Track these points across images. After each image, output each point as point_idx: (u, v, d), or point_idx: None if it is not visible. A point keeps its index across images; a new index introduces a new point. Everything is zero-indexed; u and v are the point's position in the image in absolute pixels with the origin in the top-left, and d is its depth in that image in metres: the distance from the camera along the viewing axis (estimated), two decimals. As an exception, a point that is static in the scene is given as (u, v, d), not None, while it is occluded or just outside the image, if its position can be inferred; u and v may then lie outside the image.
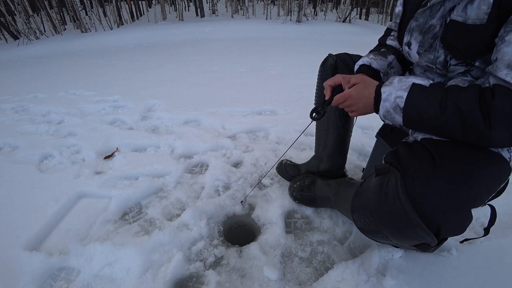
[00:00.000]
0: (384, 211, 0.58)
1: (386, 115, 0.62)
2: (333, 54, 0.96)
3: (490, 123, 0.48)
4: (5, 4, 6.24)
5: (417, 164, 0.56)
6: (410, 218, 0.54)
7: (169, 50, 4.97)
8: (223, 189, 1.18)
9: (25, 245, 0.95)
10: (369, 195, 0.63)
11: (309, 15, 7.30)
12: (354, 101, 0.68)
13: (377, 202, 0.60)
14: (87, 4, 7.05)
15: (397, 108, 0.59)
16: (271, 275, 0.81)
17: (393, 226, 0.58)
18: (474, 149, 0.55)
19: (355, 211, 0.68)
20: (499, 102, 0.48)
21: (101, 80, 3.14)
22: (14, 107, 2.40)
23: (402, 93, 0.59)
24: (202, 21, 7.22)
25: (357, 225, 0.69)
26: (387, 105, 0.61)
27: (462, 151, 0.55)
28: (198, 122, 1.87)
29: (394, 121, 0.62)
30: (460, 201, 0.52)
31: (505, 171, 0.56)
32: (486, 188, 0.54)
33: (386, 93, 0.61)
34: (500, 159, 0.55)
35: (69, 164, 1.44)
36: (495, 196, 0.65)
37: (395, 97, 0.59)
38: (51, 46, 5.95)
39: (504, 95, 0.48)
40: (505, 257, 0.82)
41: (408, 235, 0.57)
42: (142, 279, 0.81)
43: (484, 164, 0.54)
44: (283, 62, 3.45)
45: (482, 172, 0.53)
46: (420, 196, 0.54)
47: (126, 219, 1.08)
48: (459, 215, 0.53)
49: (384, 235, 0.62)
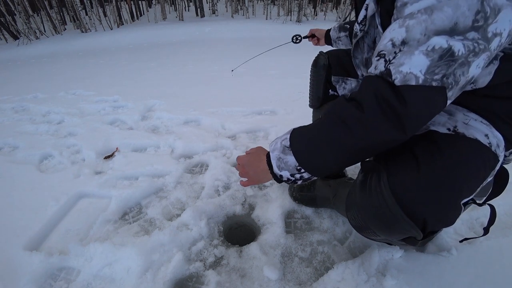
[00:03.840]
0: (369, 206, 0.59)
1: (280, 164, 0.62)
2: (324, 52, 0.95)
3: (363, 108, 0.50)
4: (5, 4, 6.23)
5: (399, 159, 0.57)
6: (393, 212, 0.54)
7: (169, 50, 4.97)
8: (223, 189, 1.18)
9: (25, 245, 0.95)
10: (356, 191, 0.63)
11: (309, 15, 7.29)
12: (246, 170, 0.72)
13: (362, 198, 0.61)
14: (87, 4, 7.05)
15: (285, 149, 0.61)
16: (271, 275, 0.81)
17: (378, 221, 0.58)
18: (455, 141, 0.55)
19: (348, 209, 0.68)
20: (359, 90, 0.53)
21: (101, 80, 3.14)
22: (14, 107, 2.40)
23: (285, 136, 0.62)
24: (202, 21, 7.22)
25: (351, 223, 0.69)
26: (276, 154, 0.63)
27: (444, 144, 0.55)
28: (198, 122, 1.87)
29: (288, 165, 0.61)
30: (444, 192, 0.52)
31: (488, 157, 0.55)
32: (470, 177, 0.54)
33: (273, 146, 0.65)
34: (480, 146, 0.54)
35: (69, 164, 1.44)
36: (495, 195, 0.65)
37: (281, 142, 0.62)
38: (51, 46, 5.95)
39: (363, 82, 0.53)
40: (505, 257, 0.82)
41: (394, 229, 0.57)
42: (142, 279, 0.81)
43: (465, 153, 0.53)
44: (283, 62, 3.45)
45: (463, 161, 0.53)
46: (402, 189, 0.53)
47: (126, 219, 1.08)
48: (444, 207, 0.53)
49: (372, 230, 0.62)
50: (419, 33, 0.45)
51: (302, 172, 0.60)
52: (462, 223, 0.95)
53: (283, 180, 0.65)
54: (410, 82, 0.45)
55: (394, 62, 0.48)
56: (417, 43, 0.45)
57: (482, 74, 0.53)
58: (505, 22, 0.43)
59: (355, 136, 0.52)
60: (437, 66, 0.44)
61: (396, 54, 0.48)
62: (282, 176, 0.63)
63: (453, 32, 0.43)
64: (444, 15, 0.43)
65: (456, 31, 0.43)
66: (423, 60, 0.45)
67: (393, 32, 0.49)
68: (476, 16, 0.42)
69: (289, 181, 0.64)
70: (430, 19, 0.44)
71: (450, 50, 0.43)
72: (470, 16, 0.42)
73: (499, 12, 0.42)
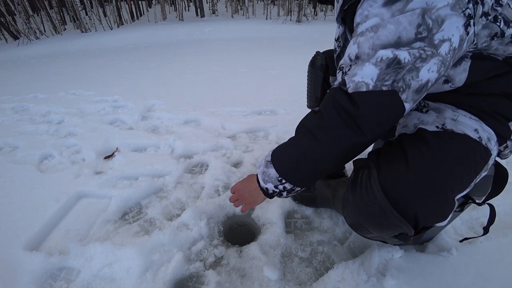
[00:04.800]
0: (360, 202, 0.60)
1: (264, 177, 0.69)
2: (321, 52, 0.95)
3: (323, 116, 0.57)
4: (5, 4, 6.23)
5: (389, 155, 0.59)
6: (383, 208, 0.54)
7: (169, 50, 4.96)
8: (223, 189, 1.18)
9: (25, 245, 0.95)
10: (348, 188, 0.65)
11: (309, 15, 7.29)
12: (241, 192, 0.80)
13: (353, 195, 0.62)
14: (87, 4, 7.04)
15: (267, 163, 0.68)
16: (271, 275, 0.81)
17: (370, 217, 0.59)
18: (443, 136, 0.56)
19: (343, 207, 0.69)
20: (322, 102, 0.59)
21: (101, 80, 3.14)
22: (14, 107, 2.40)
23: (269, 153, 0.70)
24: (202, 21, 7.22)
25: (347, 221, 0.70)
26: (261, 169, 0.70)
27: (432, 140, 0.56)
28: (198, 122, 1.87)
29: (271, 177, 0.67)
30: (433, 187, 0.53)
31: (478, 151, 0.56)
32: (461, 172, 0.54)
33: (259, 163, 0.73)
34: (470, 140, 0.55)
35: (69, 164, 1.44)
36: (494, 195, 0.65)
37: (265, 159, 0.70)
38: (51, 46, 5.94)
39: (326, 94, 0.59)
40: (505, 257, 0.82)
41: (385, 225, 0.58)
42: (142, 279, 0.81)
43: (454, 148, 0.54)
44: (283, 62, 3.45)
45: (452, 156, 0.54)
46: (392, 185, 0.54)
47: (126, 219, 1.08)
48: (434, 201, 0.53)
49: (365, 227, 0.63)
50: (368, 47, 0.51)
51: (283, 183, 0.67)
52: (462, 223, 0.95)
53: (269, 193, 0.71)
54: (362, 88, 0.52)
55: (349, 73, 0.54)
56: (367, 56, 0.51)
57: (457, 72, 0.57)
58: (452, 29, 0.47)
59: (321, 142, 0.57)
60: (386, 73, 0.50)
61: (351, 66, 0.54)
62: (268, 188, 0.70)
63: (398, 44, 0.48)
64: (388, 31, 0.48)
65: (401, 43, 0.48)
66: (372, 69, 0.51)
67: (349, 48, 0.55)
68: (418, 29, 0.47)
69: (275, 193, 0.70)
70: (376, 36, 0.50)
71: (396, 59, 0.49)
72: (411, 29, 0.47)
73: (443, 22, 0.46)
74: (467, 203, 0.69)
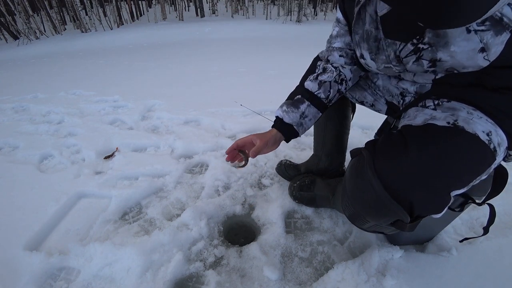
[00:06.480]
0: (356, 189, 0.59)
1: None
2: None
3: None
4: (5, 4, 6.24)
5: (388, 144, 0.57)
6: (378, 193, 0.54)
7: (169, 50, 4.97)
8: (223, 189, 1.18)
9: (25, 245, 0.95)
10: (345, 177, 0.65)
11: (309, 15, 7.29)
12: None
13: (349, 182, 0.62)
14: (87, 4, 7.04)
15: None
16: (271, 275, 0.81)
17: (365, 204, 0.59)
18: (452, 132, 0.54)
19: (342, 199, 0.68)
20: None
21: (101, 80, 3.14)
22: (14, 107, 2.40)
23: None
24: (202, 21, 7.22)
25: (345, 213, 0.69)
26: None
27: (439, 134, 0.54)
28: (198, 122, 1.87)
29: None
30: (431, 179, 0.52)
31: (484, 154, 0.53)
32: (462, 169, 0.52)
33: None
34: (478, 141, 0.52)
35: (69, 164, 1.44)
36: (494, 195, 0.65)
37: None
38: (51, 46, 5.95)
39: None
40: (505, 257, 0.82)
41: (381, 212, 0.57)
42: (142, 279, 0.81)
43: (460, 145, 0.52)
44: (283, 62, 3.45)
45: (456, 153, 0.52)
46: (387, 171, 0.54)
47: (126, 219, 1.08)
48: (430, 192, 0.52)
49: (362, 216, 0.63)
50: None
51: None
52: (462, 223, 0.96)
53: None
54: None
55: None
56: None
57: (495, 42, 0.52)
58: None
59: None
60: None
61: None
62: None
63: None
64: None
65: None
66: None
67: None
68: None
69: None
70: None
71: None
72: None
73: None
74: (467, 203, 0.68)
